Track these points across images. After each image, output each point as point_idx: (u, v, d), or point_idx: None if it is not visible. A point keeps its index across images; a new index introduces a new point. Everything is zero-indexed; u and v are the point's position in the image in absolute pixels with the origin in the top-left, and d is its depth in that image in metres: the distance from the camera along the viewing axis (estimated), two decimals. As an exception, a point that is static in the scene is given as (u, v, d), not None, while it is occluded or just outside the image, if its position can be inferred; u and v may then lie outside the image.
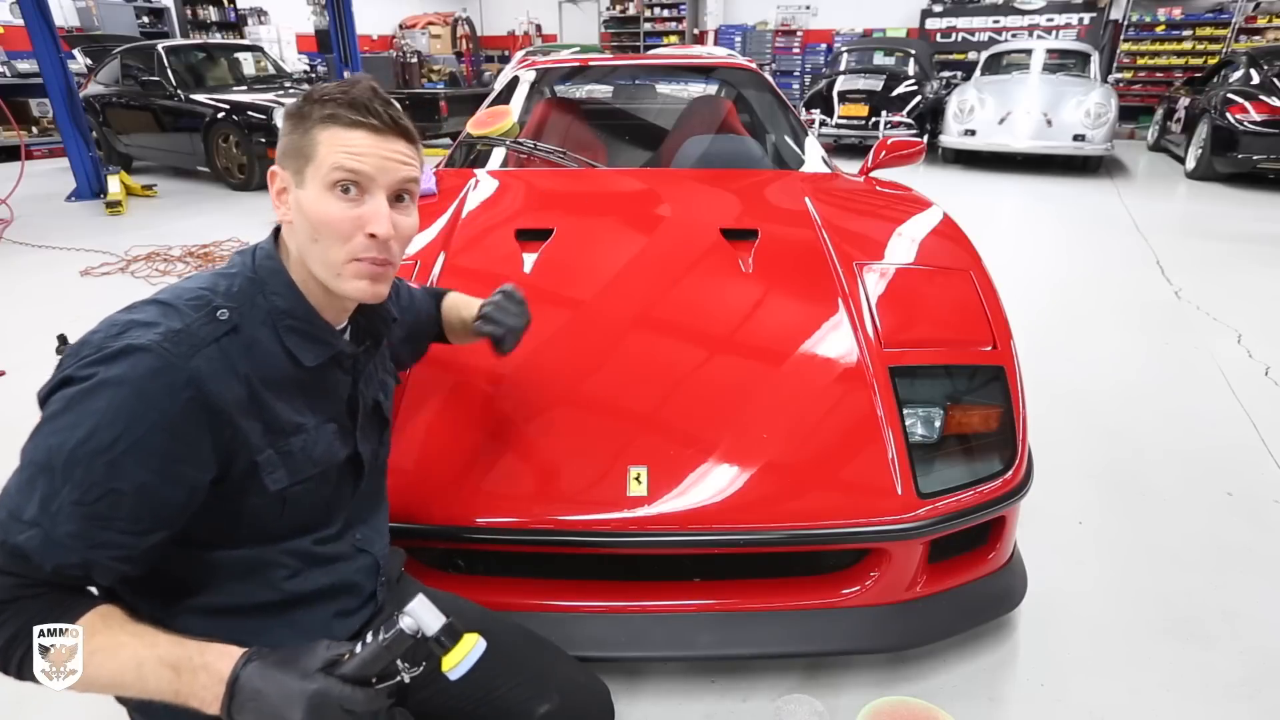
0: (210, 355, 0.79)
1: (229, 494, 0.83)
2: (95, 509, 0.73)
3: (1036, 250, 5.05)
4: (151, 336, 0.76)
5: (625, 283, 1.82)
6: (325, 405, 0.93)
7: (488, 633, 1.06)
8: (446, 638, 0.76)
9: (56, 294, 4.03)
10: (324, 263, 0.86)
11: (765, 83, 3.29)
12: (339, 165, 0.82)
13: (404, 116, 0.88)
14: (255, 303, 0.86)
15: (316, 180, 0.83)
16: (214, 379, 0.79)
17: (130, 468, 0.74)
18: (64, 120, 6.32)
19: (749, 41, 13.58)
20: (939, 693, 1.48)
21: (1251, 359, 3.18)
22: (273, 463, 0.85)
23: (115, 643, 0.74)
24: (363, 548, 1.00)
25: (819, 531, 1.36)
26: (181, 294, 0.84)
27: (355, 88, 0.85)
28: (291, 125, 0.86)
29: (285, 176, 0.87)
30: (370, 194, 0.85)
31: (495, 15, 16.66)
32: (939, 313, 1.72)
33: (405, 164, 0.87)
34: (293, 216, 0.87)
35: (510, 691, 1.01)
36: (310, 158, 0.84)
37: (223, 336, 0.81)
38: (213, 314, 0.82)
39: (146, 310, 0.81)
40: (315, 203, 0.83)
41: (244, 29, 12.49)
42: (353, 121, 0.83)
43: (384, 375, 1.08)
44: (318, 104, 0.84)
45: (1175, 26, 11.22)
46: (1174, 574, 1.86)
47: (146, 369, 0.75)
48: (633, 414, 1.50)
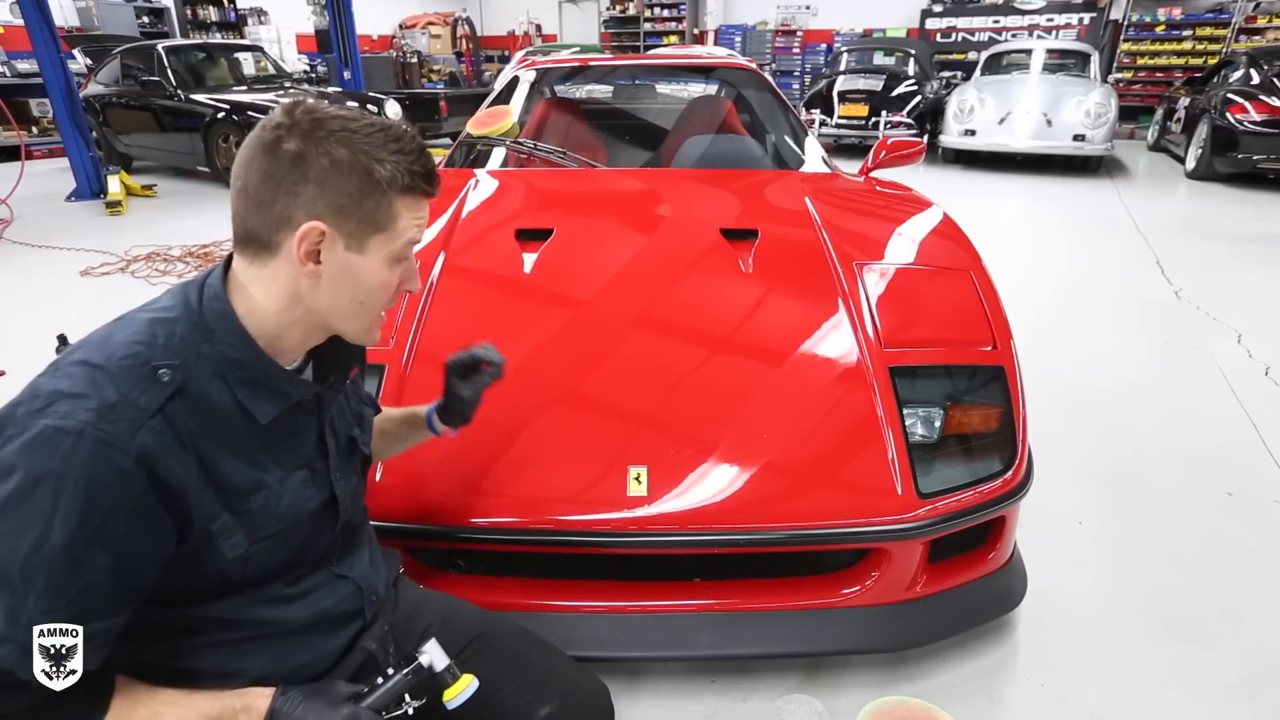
0: (155, 427, 0.70)
1: (185, 562, 0.77)
2: (70, 611, 0.67)
3: (1036, 250, 5.04)
4: (82, 415, 0.67)
5: (625, 283, 1.82)
6: (290, 454, 0.85)
7: (488, 634, 1.07)
8: (451, 674, 0.87)
9: (56, 294, 4.03)
10: (360, 320, 0.83)
11: (765, 83, 3.29)
12: (414, 240, 0.81)
13: None
14: (201, 353, 0.76)
15: (385, 250, 0.79)
16: (163, 453, 0.71)
17: (95, 558, 0.68)
18: (64, 120, 6.32)
19: (749, 41, 13.58)
20: (939, 693, 1.48)
21: (1251, 359, 3.18)
22: (229, 528, 0.78)
23: (154, 713, 0.75)
24: (342, 574, 0.94)
25: (819, 531, 1.36)
26: (113, 352, 0.73)
27: (417, 145, 0.79)
28: (358, 184, 0.75)
29: (332, 236, 0.76)
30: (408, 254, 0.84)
31: (495, 15, 16.65)
32: (939, 313, 1.72)
33: None
34: (327, 275, 0.78)
35: (511, 695, 1.01)
36: (383, 227, 0.78)
37: (167, 403, 0.72)
38: (152, 376, 0.72)
39: (72, 375, 0.71)
40: (379, 272, 0.80)
41: (244, 29, 12.49)
42: (428, 193, 0.80)
43: (359, 407, 1.00)
44: (392, 163, 0.76)
45: (1175, 26, 11.22)
46: (1174, 574, 1.86)
47: (86, 457, 0.66)
48: (632, 414, 1.50)
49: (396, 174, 0.76)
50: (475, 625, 1.08)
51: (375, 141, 0.76)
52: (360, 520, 1.01)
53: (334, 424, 0.92)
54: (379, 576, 1.02)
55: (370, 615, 0.98)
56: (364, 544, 1.01)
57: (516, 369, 1.58)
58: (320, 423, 0.89)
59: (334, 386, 0.91)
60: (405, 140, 0.78)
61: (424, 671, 0.85)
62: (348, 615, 0.95)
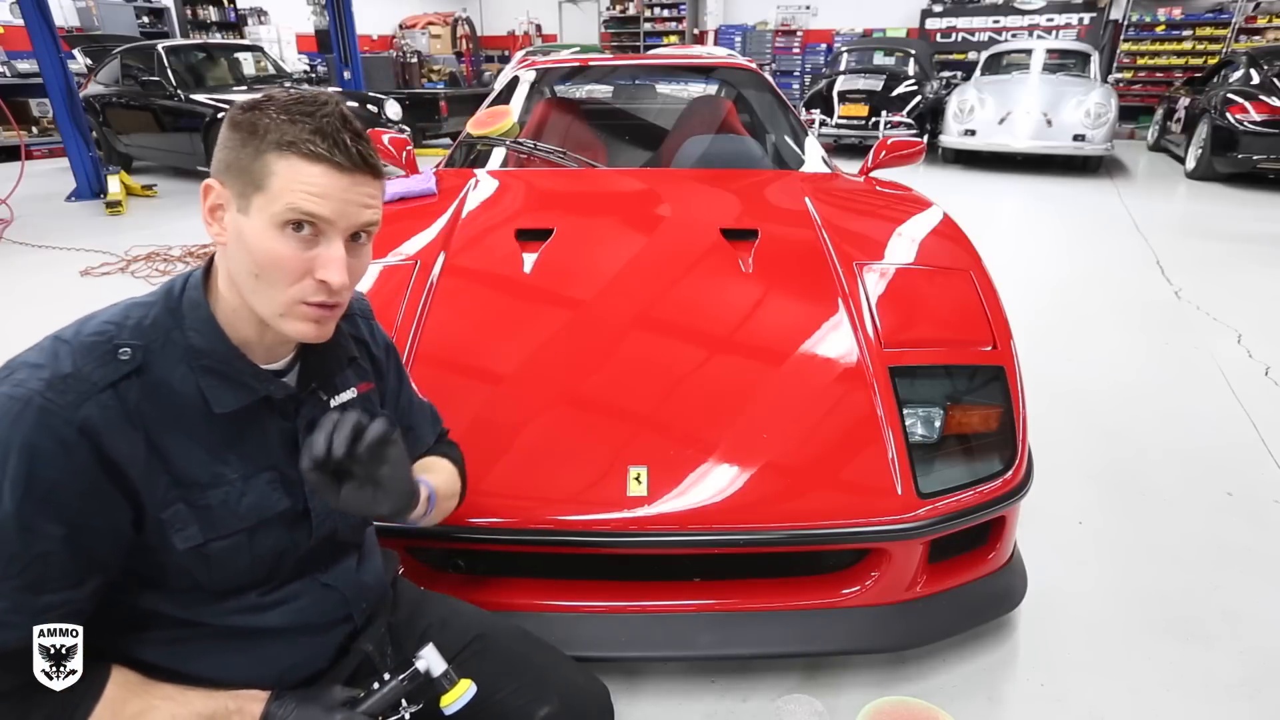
0: (104, 402, 0.71)
1: (146, 547, 0.76)
2: (24, 579, 0.68)
3: (1036, 250, 5.04)
4: (33, 384, 0.69)
5: (625, 283, 1.82)
6: (255, 453, 0.83)
7: (487, 635, 1.07)
8: (449, 679, 0.86)
9: (56, 294, 4.03)
10: (265, 300, 0.76)
11: (765, 83, 3.29)
12: (295, 206, 0.72)
13: (374, 152, 0.78)
14: (170, 338, 0.77)
15: (265, 214, 0.73)
16: (108, 429, 0.71)
17: (46, 527, 0.68)
18: (64, 120, 6.31)
19: (749, 41, 13.58)
20: (939, 693, 1.48)
21: (1251, 359, 3.18)
22: (181, 518, 0.76)
23: (148, 706, 0.75)
24: (328, 583, 0.92)
25: (819, 531, 1.36)
26: (84, 329, 0.75)
27: (322, 109, 0.74)
28: (239, 139, 0.74)
29: (223, 194, 0.76)
30: (326, 236, 0.75)
31: (495, 15, 16.65)
32: (939, 313, 1.72)
33: (368, 207, 0.77)
34: (229, 240, 0.76)
35: (510, 695, 1.00)
36: (260, 186, 0.73)
37: (121, 380, 0.72)
38: (112, 354, 0.73)
39: (41, 348, 0.73)
40: (261, 238, 0.73)
41: (244, 29, 12.49)
42: (315, 154, 0.72)
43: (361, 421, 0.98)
44: (275, 121, 0.73)
45: (1175, 26, 11.22)
46: (1174, 574, 1.86)
47: (30, 424, 0.68)
48: (633, 414, 1.50)
49: (278, 128, 0.72)
50: (474, 626, 1.08)
51: (280, 103, 0.74)
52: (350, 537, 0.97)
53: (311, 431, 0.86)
54: (372, 583, 0.99)
55: (361, 619, 0.96)
56: (352, 552, 0.98)
57: (516, 369, 1.58)
58: (296, 429, 0.86)
59: (314, 393, 0.89)
60: (312, 105, 0.74)
61: (421, 676, 0.85)
62: (333, 622, 0.93)
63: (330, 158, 0.73)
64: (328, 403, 0.91)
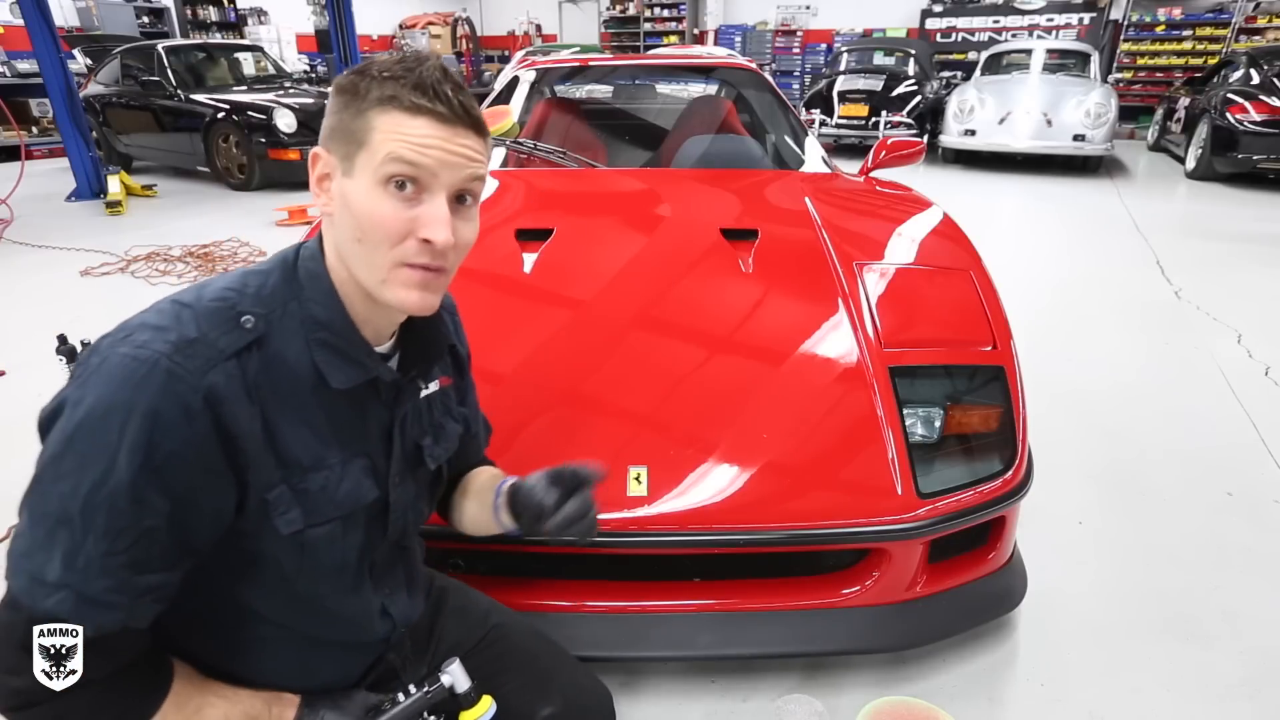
0: (228, 371, 0.70)
1: (241, 532, 0.74)
2: (131, 555, 0.66)
3: (1036, 250, 5.04)
4: (160, 345, 0.67)
5: (625, 283, 1.82)
6: (355, 438, 0.81)
7: (503, 625, 1.07)
8: (472, 696, 0.87)
9: (56, 294, 4.03)
10: (368, 265, 0.74)
11: (765, 83, 3.29)
12: (397, 156, 0.71)
13: (476, 105, 0.75)
14: (288, 309, 0.76)
15: (368, 171, 0.72)
16: (231, 399, 0.69)
17: (156, 502, 0.66)
18: (64, 120, 6.32)
19: (749, 41, 13.58)
20: (939, 693, 1.48)
21: (1251, 359, 3.18)
22: (285, 501, 0.75)
23: (206, 703, 0.76)
24: (388, 611, 0.91)
25: (819, 531, 1.36)
26: (204, 294, 0.74)
27: (423, 65, 0.72)
28: (342, 102, 0.73)
29: (330, 161, 0.75)
30: (430, 193, 0.73)
31: (495, 15, 16.65)
32: (939, 313, 1.72)
33: (473, 160, 0.74)
34: (335, 209, 0.75)
35: (513, 693, 1.00)
36: (363, 143, 0.72)
37: (244, 350, 0.71)
38: (235, 320, 0.72)
39: (161, 310, 0.72)
40: (365, 197, 0.72)
41: (244, 29, 12.49)
42: (416, 106, 0.71)
43: (440, 418, 0.94)
44: (376, 80, 0.72)
45: (1175, 26, 11.22)
46: (1174, 574, 1.86)
47: (156, 389, 0.65)
48: (633, 414, 1.50)
49: (380, 86, 0.71)
50: (491, 616, 1.08)
51: (381, 64, 0.73)
52: (412, 543, 0.97)
53: (404, 424, 0.87)
54: (416, 608, 0.99)
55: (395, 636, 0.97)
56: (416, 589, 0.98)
57: (516, 369, 1.58)
58: (392, 416, 0.85)
59: (414, 381, 0.88)
60: (414, 62, 0.73)
61: (445, 691, 0.85)
62: (379, 643, 0.94)
63: (432, 108, 0.71)
64: (426, 399, 0.91)
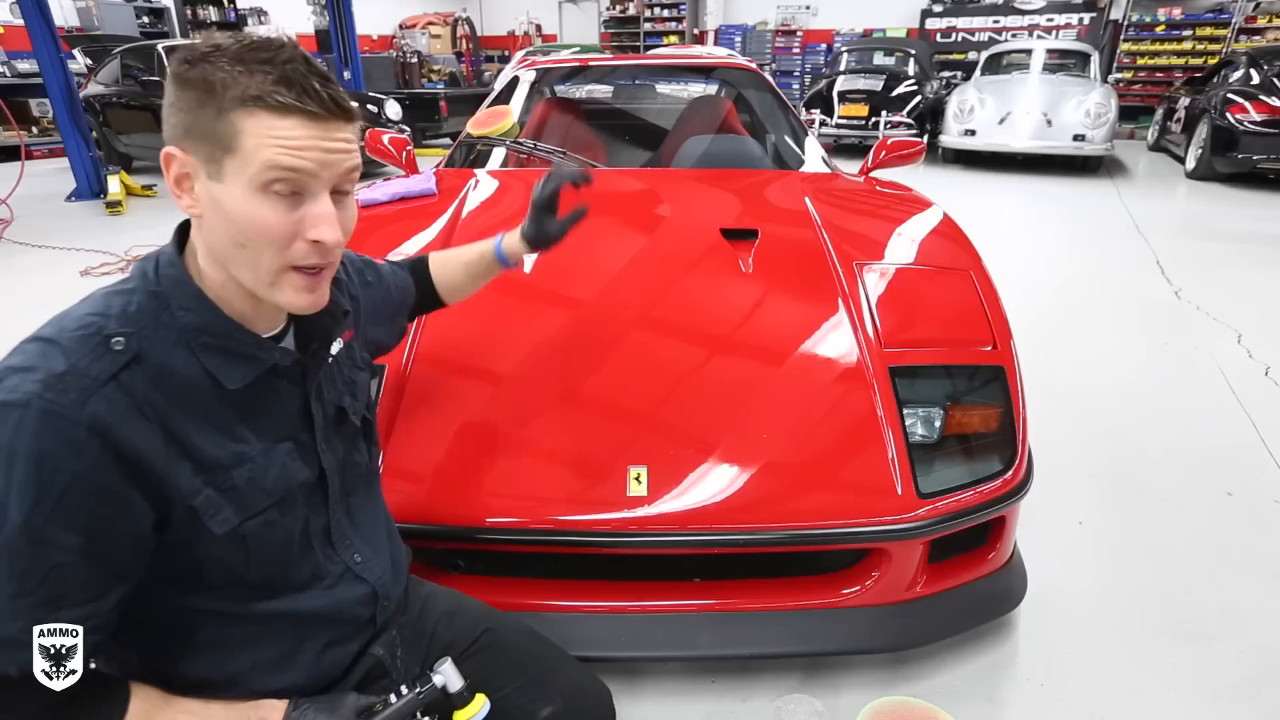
0: (109, 396, 0.66)
1: (176, 544, 0.73)
2: (41, 594, 0.64)
3: (1036, 250, 5.05)
4: (29, 387, 0.64)
5: (625, 283, 1.82)
6: (272, 425, 0.80)
7: (495, 629, 1.07)
8: (465, 695, 0.86)
9: (56, 294, 3.99)
10: (252, 269, 0.71)
11: (765, 83, 3.29)
12: (274, 164, 0.67)
13: (344, 94, 0.71)
14: (160, 321, 0.72)
15: (242, 177, 0.67)
16: (119, 424, 0.67)
17: (60, 538, 0.64)
18: (64, 120, 6.32)
19: (749, 41, 13.59)
20: (939, 693, 1.48)
21: (1251, 359, 3.18)
22: (213, 504, 0.73)
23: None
24: (360, 574, 0.91)
25: (819, 531, 1.36)
26: (66, 325, 0.70)
27: (280, 53, 0.67)
28: (194, 98, 0.67)
29: (189, 162, 0.69)
30: (311, 193, 0.70)
31: (495, 15, 16.65)
32: (939, 313, 1.72)
33: (349, 152, 0.72)
34: (204, 211, 0.71)
35: (513, 694, 1.00)
36: (230, 148, 0.67)
37: (121, 371, 0.68)
38: (105, 344, 0.68)
39: (24, 351, 0.68)
40: (243, 204, 0.68)
41: (244, 29, 12.50)
42: (285, 106, 0.66)
43: (350, 373, 0.94)
44: (231, 75, 0.65)
45: (1175, 26, 11.22)
46: (1174, 574, 1.86)
47: (34, 428, 0.63)
48: (633, 414, 1.50)
49: (237, 82, 0.65)
50: (483, 620, 1.08)
51: (231, 51, 0.66)
52: (369, 499, 0.97)
53: (321, 393, 0.86)
54: (397, 583, 0.99)
55: (383, 619, 0.96)
56: (382, 542, 0.97)
57: (516, 369, 1.58)
58: (305, 393, 0.84)
59: (316, 354, 0.86)
60: (269, 50, 0.67)
61: (437, 691, 0.84)
62: (360, 621, 0.92)
63: (302, 107, 0.67)
64: (334, 360, 0.89)
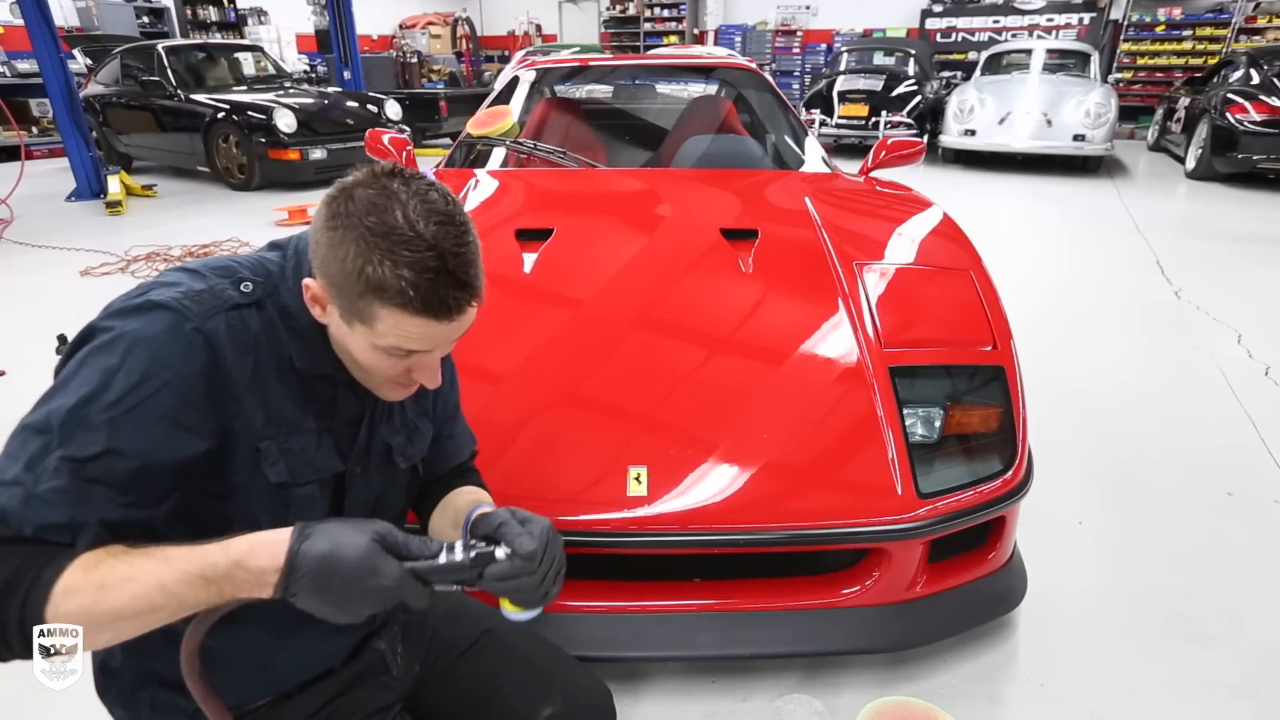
0: (229, 320, 0.75)
1: (229, 484, 0.77)
2: (86, 468, 0.67)
3: (1036, 250, 5.04)
4: (171, 294, 0.74)
5: (625, 282, 1.82)
6: (325, 417, 0.85)
7: (495, 630, 1.07)
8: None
9: (56, 294, 4.03)
10: (364, 376, 0.82)
11: (765, 83, 3.29)
12: (398, 348, 0.75)
13: (480, 280, 0.75)
14: (278, 291, 0.81)
15: (367, 339, 0.75)
16: (228, 345, 0.75)
17: (130, 429, 0.69)
18: (64, 120, 6.32)
19: (749, 41, 13.58)
20: (939, 693, 1.48)
21: (1251, 359, 3.18)
22: (274, 453, 0.79)
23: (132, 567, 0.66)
24: None
25: (819, 531, 1.36)
26: (208, 263, 0.81)
27: (425, 255, 0.69)
28: (341, 265, 0.71)
29: (325, 296, 0.75)
30: (423, 356, 0.79)
31: (495, 15, 16.65)
32: (939, 313, 1.72)
33: (465, 326, 0.77)
34: (330, 325, 0.78)
35: (514, 693, 1.01)
36: (364, 320, 0.73)
37: (244, 306, 0.77)
38: (236, 283, 0.78)
39: (171, 275, 0.78)
40: (365, 354, 0.77)
41: (244, 29, 12.50)
42: (418, 310, 0.71)
43: (416, 418, 0.97)
44: (376, 255, 0.69)
45: (1175, 26, 11.22)
46: (1174, 574, 1.86)
47: (165, 324, 0.72)
48: (633, 414, 1.50)
49: (382, 282, 0.70)
50: (483, 620, 1.08)
51: (387, 239, 0.69)
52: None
53: (374, 420, 0.90)
54: None
55: (382, 618, 0.97)
56: None
57: (516, 369, 1.58)
58: (362, 408, 0.88)
59: None
60: (423, 254, 0.69)
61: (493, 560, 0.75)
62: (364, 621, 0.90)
63: (429, 314, 0.72)
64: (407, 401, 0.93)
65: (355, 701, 0.94)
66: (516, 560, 0.75)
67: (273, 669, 0.89)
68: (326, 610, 0.69)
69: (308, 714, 0.91)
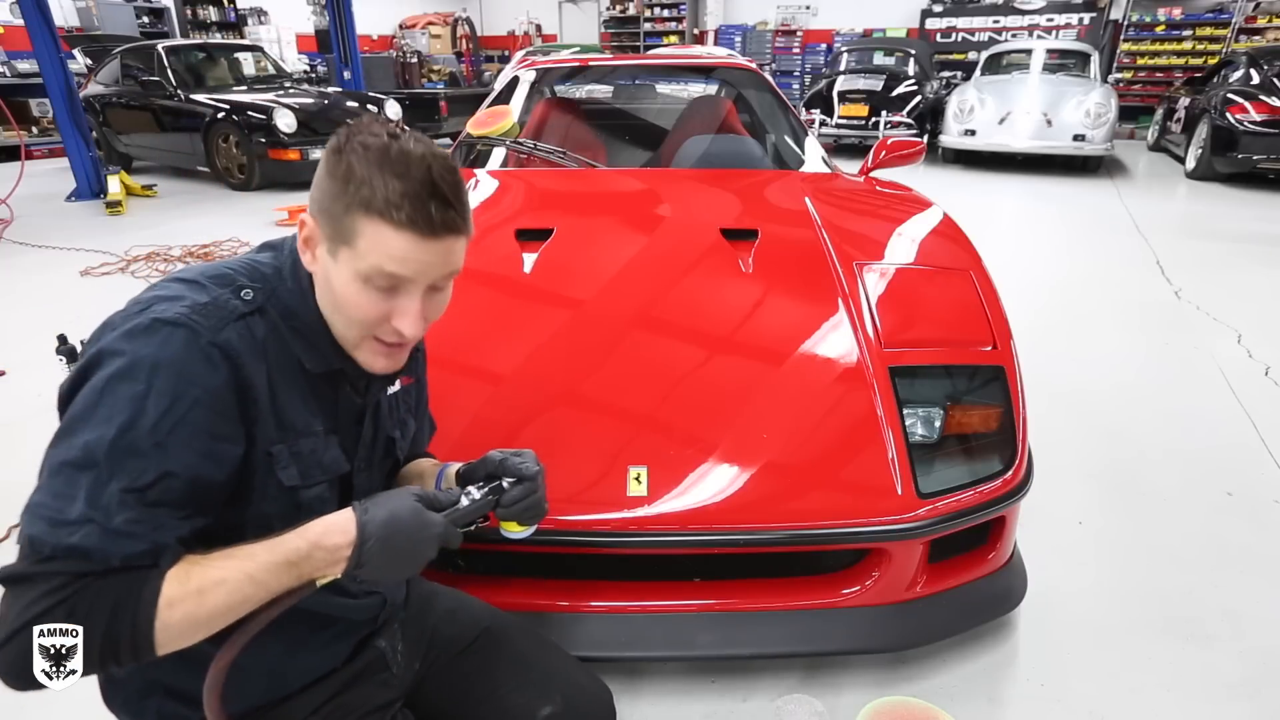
0: (239, 330, 0.77)
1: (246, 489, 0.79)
2: (148, 495, 0.69)
3: (1036, 250, 5.04)
4: (178, 310, 0.74)
5: (625, 282, 1.82)
6: (330, 416, 0.87)
7: (495, 629, 1.07)
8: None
9: (56, 294, 4.03)
10: (343, 330, 0.81)
11: (765, 83, 3.29)
12: (379, 268, 0.75)
13: (461, 211, 0.77)
14: (277, 293, 0.82)
15: (349, 267, 0.76)
16: (243, 354, 0.76)
17: (177, 449, 0.70)
18: (64, 120, 6.32)
19: (749, 41, 13.58)
20: (939, 693, 1.48)
21: (1251, 359, 3.18)
22: (285, 457, 0.81)
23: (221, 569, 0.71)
24: (371, 589, 0.95)
25: (819, 531, 1.36)
26: (204, 271, 0.81)
27: (414, 167, 0.73)
28: (334, 187, 0.75)
29: (315, 230, 0.78)
30: (406, 290, 0.78)
31: (495, 15, 16.65)
32: (939, 313, 1.72)
33: (450, 262, 0.79)
34: (317, 273, 0.81)
35: (513, 693, 1.01)
36: (347, 241, 0.75)
37: (248, 315, 0.78)
38: (237, 292, 0.79)
39: (169, 287, 0.78)
40: (345, 286, 0.77)
41: (244, 29, 12.49)
42: (399, 222, 0.73)
43: (405, 415, 1.00)
44: (366, 173, 0.73)
45: (1175, 26, 11.21)
46: (1174, 574, 1.86)
47: (180, 343, 0.72)
48: (632, 414, 1.50)
49: (367, 185, 0.72)
50: (483, 619, 1.09)
51: (380, 156, 0.73)
52: None
53: (377, 414, 0.93)
54: (401, 586, 1.03)
55: (383, 619, 0.98)
56: None
57: (516, 369, 1.58)
58: (364, 404, 0.91)
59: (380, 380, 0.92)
60: (412, 166, 0.73)
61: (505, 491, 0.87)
62: (365, 623, 0.96)
63: (413, 227, 0.73)
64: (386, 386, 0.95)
65: (356, 699, 0.94)
66: (527, 483, 0.88)
67: (280, 675, 0.89)
68: (392, 570, 0.77)
69: (309, 712, 0.91)
